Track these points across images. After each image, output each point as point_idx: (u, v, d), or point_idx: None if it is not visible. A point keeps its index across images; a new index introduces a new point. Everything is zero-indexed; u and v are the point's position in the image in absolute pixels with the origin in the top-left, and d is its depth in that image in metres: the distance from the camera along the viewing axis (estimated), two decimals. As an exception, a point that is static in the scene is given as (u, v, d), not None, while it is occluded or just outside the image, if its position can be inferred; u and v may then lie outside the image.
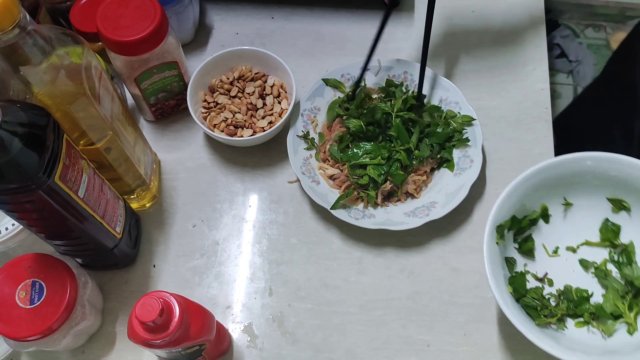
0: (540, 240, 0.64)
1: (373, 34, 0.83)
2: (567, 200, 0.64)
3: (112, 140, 0.58)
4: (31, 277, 0.56)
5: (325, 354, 0.62)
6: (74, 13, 0.68)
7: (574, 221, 0.64)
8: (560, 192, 0.64)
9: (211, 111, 0.72)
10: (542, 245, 0.64)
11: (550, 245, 0.64)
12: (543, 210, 0.64)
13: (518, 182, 0.60)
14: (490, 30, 0.83)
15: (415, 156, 0.68)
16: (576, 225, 0.64)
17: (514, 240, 0.64)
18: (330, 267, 0.67)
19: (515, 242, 0.64)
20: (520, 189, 0.61)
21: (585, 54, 1.80)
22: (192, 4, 0.77)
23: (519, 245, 0.64)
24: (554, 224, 0.65)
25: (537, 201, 0.63)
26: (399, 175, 0.67)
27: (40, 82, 0.49)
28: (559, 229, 0.64)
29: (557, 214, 0.65)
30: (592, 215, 0.64)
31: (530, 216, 0.63)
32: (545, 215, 0.64)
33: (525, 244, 0.63)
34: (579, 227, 0.64)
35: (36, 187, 0.46)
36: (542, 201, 0.64)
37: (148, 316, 0.45)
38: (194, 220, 0.70)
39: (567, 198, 0.64)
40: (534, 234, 0.64)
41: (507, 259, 0.62)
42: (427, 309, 0.64)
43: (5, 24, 0.44)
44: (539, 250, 0.64)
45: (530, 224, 0.64)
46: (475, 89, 0.77)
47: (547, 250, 0.64)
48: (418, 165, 0.68)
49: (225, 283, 0.66)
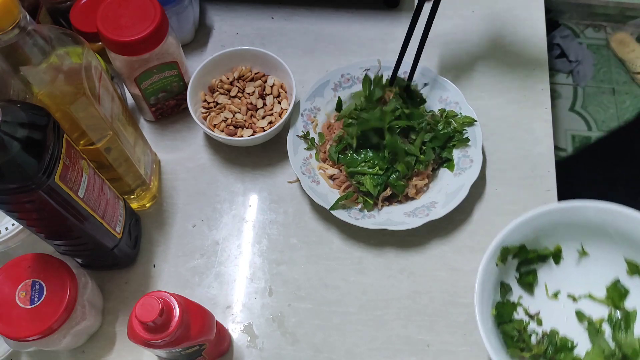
0: (544, 279, 0.62)
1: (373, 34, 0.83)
2: (583, 248, 0.62)
3: (112, 140, 0.58)
4: (31, 277, 0.56)
5: (325, 354, 0.62)
6: (74, 13, 0.68)
7: (584, 270, 0.62)
8: (579, 238, 0.61)
9: (211, 111, 0.72)
10: (544, 283, 0.62)
11: (553, 286, 0.62)
12: (556, 250, 0.62)
13: (537, 214, 0.58)
14: (490, 30, 0.83)
15: (421, 161, 0.68)
16: (585, 275, 0.62)
17: (516, 268, 0.62)
18: (330, 267, 0.67)
19: (517, 271, 0.62)
20: (537, 221, 0.59)
21: (585, 54, 1.80)
22: (192, 4, 0.77)
23: (520, 275, 0.62)
24: (564, 267, 0.62)
25: (553, 239, 0.61)
26: (400, 186, 0.66)
27: (40, 82, 0.49)
28: (566, 274, 0.62)
29: (569, 259, 0.62)
30: (604, 270, 0.61)
31: (540, 252, 0.61)
32: (557, 256, 0.62)
33: (526, 277, 0.62)
34: (587, 278, 0.62)
35: (36, 187, 0.46)
36: (558, 241, 0.62)
37: (148, 316, 0.45)
38: (194, 220, 0.70)
39: (585, 246, 0.62)
40: (539, 270, 0.62)
41: (502, 283, 0.61)
42: (427, 309, 0.64)
43: (5, 24, 0.44)
44: (539, 287, 0.62)
45: (538, 259, 0.62)
46: (475, 89, 0.77)
47: (547, 290, 0.62)
48: (422, 170, 0.68)
49: (225, 283, 0.66)
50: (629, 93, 1.76)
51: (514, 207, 0.69)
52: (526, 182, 0.71)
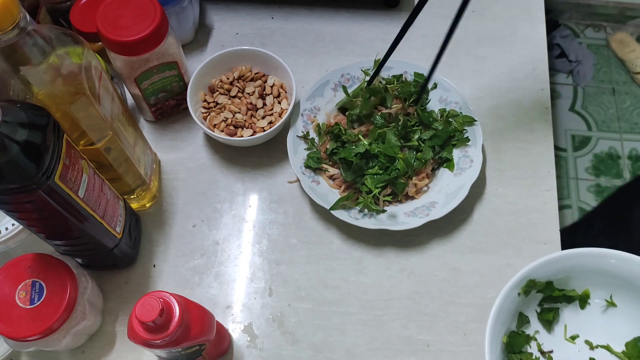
0: (565, 320, 0.61)
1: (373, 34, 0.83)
2: (612, 299, 0.61)
3: (112, 140, 0.58)
4: (31, 277, 0.56)
5: (325, 354, 0.62)
6: (74, 13, 0.68)
7: (608, 321, 0.61)
8: (609, 288, 0.60)
9: (211, 111, 0.72)
10: (564, 324, 0.61)
11: (572, 329, 0.61)
12: (584, 295, 0.61)
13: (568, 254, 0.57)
14: (490, 30, 0.83)
15: (418, 158, 0.68)
16: (608, 326, 0.61)
17: (539, 303, 0.61)
18: (330, 267, 0.67)
19: (540, 306, 0.61)
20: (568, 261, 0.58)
21: (585, 54, 1.80)
22: (192, 4, 0.77)
23: (542, 311, 0.61)
24: (588, 312, 0.61)
25: (583, 283, 0.60)
26: (400, 184, 0.66)
27: (40, 82, 0.49)
28: (589, 320, 0.61)
29: (596, 306, 0.61)
30: (629, 325, 0.60)
31: (567, 292, 0.60)
32: (583, 300, 0.61)
33: (547, 313, 0.61)
34: (609, 329, 0.61)
35: (36, 187, 0.46)
36: (588, 286, 0.61)
37: (148, 316, 0.45)
38: (194, 220, 0.70)
39: (614, 297, 0.61)
40: (563, 310, 0.61)
41: (521, 314, 0.60)
42: (427, 309, 0.64)
43: (5, 24, 0.43)
44: (559, 326, 0.61)
45: (564, 299, 0.61)
46: (475, 89, 0.77)
47: (566, 332, 0.61)
48: (420, 168, 0.68)
49: (225, 283, 0.66)
50: (629, 93, 1.76)
51: (514, 207, 0.69)
52: (526, 182, 0.71)
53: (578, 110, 1.73)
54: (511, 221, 0.69)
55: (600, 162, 1.65)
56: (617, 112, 1.73)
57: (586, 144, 1.68)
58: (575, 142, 1.68)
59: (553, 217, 0.69)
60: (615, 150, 1.66)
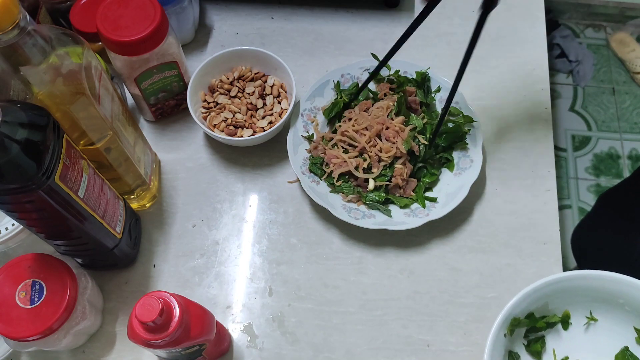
0: (552, 344, 0.62)
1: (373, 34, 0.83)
2: (592, 315, 0.61)
3: (112, 140, 0.58)
4: (31, 277, 0.56)
5: (325, 354, 0.62)
6: (74, 13, 0.68)
7: (593, 337, 0.61)
8: (587, 305, 0.61)
9: (211, 111, 0.72)
10: (552, 349, 0.61)
11: (561, 352, 0.61)
12: (564, 316, 0.61)
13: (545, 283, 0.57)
14: (490, 30, 0.83)
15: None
16: (593, 343, 0.61)
17: (524, 335, 0.61)
18: (330, 267, 0.67)
19: (525, 339, 0.61)
20: (546, 289, 0.58)
21: (585, 54, 1.80)
22: (192, 4, 0.77)
23: (529, 343, 0.61)
24: (572, 333, 0.62)
25: (561, 304, 0.61)
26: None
27: (40, 82, 0.49)
28: (575, 340, 0.62)
29: (578, 325, 0.62)
30: (613, 338, 0.60)
31: (549, 319, 0.61)
32: (565, 322, 0.62)
33: (535, 344, 0.61)
34: (595, 345, 0.61)
35: (36, 187, 0.46)
36: (567, 306, 0.61)
37: (148, 316, 0.45)
38: (194, 220, 0.70)
39: (594, 312, 0.61)
40: (547, 336, 0.62)
41: (511, 352, 0.60)
42: (427, 309, 0.64)
43: (5, 24, 0.44)
44: (547, 353, 0.61)
45: (547, 326, 0.61)
46: (475, 89, 0.77)
47: (555, 356, 0.61)
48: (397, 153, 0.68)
49: (225, 283, 0.66)
50: (629, 93, 1.76)
51: (514, 207, 0.69)
52: (526, 182, 0.71)
53: (578, 110, 1.73)
54: (511, 221, 0.69)
55: (600, 162, 1.65)
56: (617, 112, 1.73)
57: (586, 144, 1.68)
58: (575, 142, 1.68)
59: (553, 217, 0.69)
60: (615, 150, 1.66)
